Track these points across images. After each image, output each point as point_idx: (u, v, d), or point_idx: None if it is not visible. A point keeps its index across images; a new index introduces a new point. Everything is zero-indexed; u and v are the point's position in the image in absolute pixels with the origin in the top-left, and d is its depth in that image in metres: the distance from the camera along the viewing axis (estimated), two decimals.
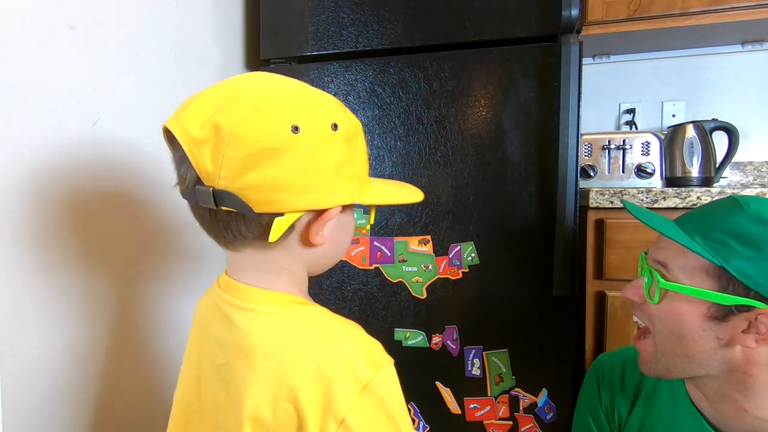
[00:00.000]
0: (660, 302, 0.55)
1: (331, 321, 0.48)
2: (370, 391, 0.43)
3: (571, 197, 0.90)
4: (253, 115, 0.42)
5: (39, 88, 0.69)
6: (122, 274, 0.84)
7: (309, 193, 0.44)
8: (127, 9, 0.84)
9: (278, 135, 0.41)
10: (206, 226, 0.48)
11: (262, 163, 0.41)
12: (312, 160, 0.43)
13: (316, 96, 0.47)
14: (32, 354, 0.69)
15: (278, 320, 0.47)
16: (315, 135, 0.43)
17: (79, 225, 0.76)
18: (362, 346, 0.46)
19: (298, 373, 0.43)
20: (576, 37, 0.89)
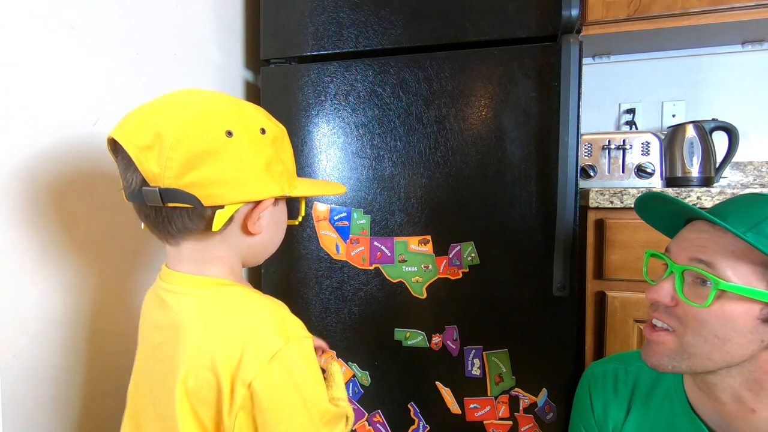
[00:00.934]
0: (711, 305, 0.51)
1: (249, 298, 0.54)
2: (277, 360, 0.48)
3: (571, 197, 0.90)
4: (192, 123, 0.48)
5: (39, 88, 0.69)
6: (122, 272, 0.84)
7: (244, 187, 0.51)
8: (127, 9, 0.84)
9: (215, 139, 0.48)
10: (151, 224, 0.53)
11: (202, 163, 0.48)
12: (245, 159, 0.50)
13: (245, 105, 0.54)
14: (32, 354, 0.69)
15: (203, 299, 0.53)
16: (246, 138, 0.50)
17: (79, 224, 0.76)
18: (275, 320, 0.51)
19: (215, 343, 0.49)
20: (576, 37, 0.89)
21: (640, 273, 0.94)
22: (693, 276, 0.53)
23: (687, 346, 0.53)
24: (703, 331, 0.51)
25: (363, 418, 1.09)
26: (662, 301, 0.55)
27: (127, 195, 0.51)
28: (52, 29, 0.71)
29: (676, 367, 0.55)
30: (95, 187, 0.79)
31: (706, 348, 0.52)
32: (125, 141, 0.48)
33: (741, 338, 0.50)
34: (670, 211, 0.59)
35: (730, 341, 0.51)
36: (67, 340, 0.74)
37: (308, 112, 1.08)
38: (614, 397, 0.69)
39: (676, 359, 0.54)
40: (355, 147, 1.06)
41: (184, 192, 0.48)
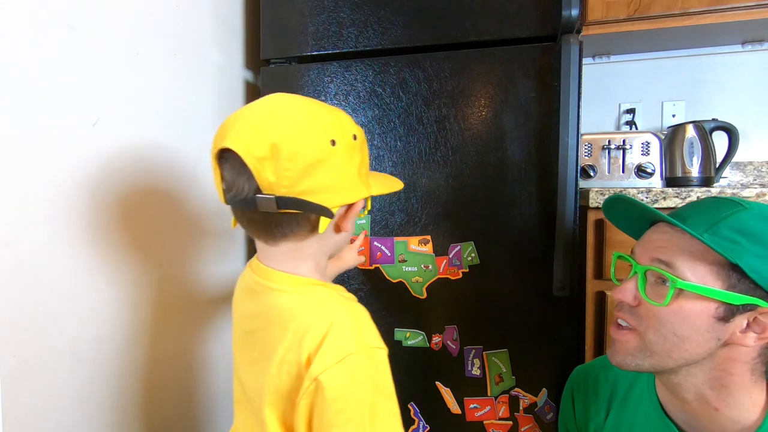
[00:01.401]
0: (670, 303, 0.53)
1: (334, 300, 0.57)
2: (346, 364, 0.50)
3: (571, 197, 0.90)
4: (304, 134, 0.52)
5: (39, 88, 0.69)
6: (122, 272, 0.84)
7: (344, 191, 0.55)
8: (127, 9, 0.84)
9: (323, 148, 0.52)
10: (255, 227, 0.57)
11: (314, 172, 0.52)
12: (343, 165, 0.54)
13: (339, 113, 0.58)
14: (32, 354, 0.69)
15: (294, 298, 0.56)
16: (343, 146, 0.54)
17: (78, 224, 0.76)
18: (354, 325, 0.54)
19: (298, 340, 0.52)
20: (576, 37, 0.89)
21: None
22: (654, 276, 0.55)
23: (649, 344, 0.55)
24: (663, 330, 0.53)
25: None
26: (626, 301, 0.57)
27: (232, 200, 0.54)
28: (52, 29, 0.71)
29: (639, 365, 0.56)
30: (95, 186, 0.79)
31: (666, 346, 0.54)
32: (244, 152, 0.50)
33: (698, 336, 0.52)
34: (635, 213, 0.61)
35: (688, 339, 0.52)
36: (67, 340, 0.74)
37: None
38: (594, 400, 0.70)
39: (639, 357, 0.56)
40: None
41: (300, 200, 0.52)
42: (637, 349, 0.56)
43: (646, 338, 0.55)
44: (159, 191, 0.92)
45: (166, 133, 0.94)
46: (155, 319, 0.92)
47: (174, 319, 0.97)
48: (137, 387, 0.88)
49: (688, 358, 0.53)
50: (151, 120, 0.90)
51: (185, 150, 0.99)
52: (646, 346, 0.55)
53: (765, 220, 0.51)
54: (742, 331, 0.51)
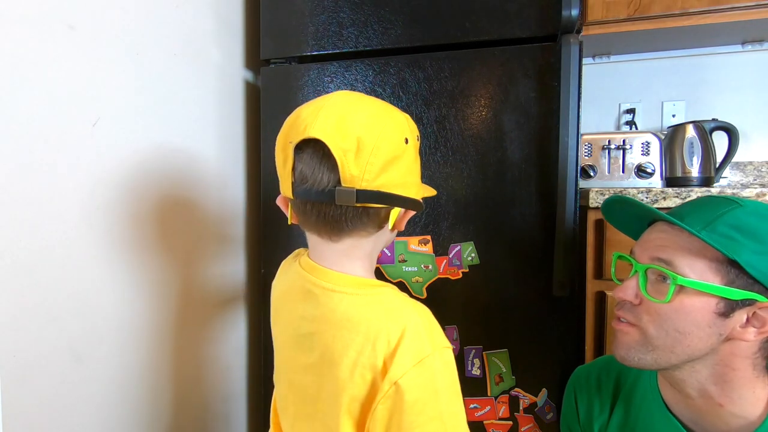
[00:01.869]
0: (671, 300, 0.54)
1: (401, 301, 0.57)
2: (424, 366, 0.50)
3: (571, 197, 0.90)
4: (385, 130, 0.53)
5: (39, 88, 0.69)
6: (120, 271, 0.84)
7: (411, 188, 0.57)
8: (127, 9, 0.84)
9: (399, 146, 0.54)
10: (324, 221, 0.55)
11: (390, 168, 0.53)
12: (412, 163, 0.57)
13: (404, 114, 0.59)
14: (32, 354, 0.69)
15: (360, 301, 0.55)
16: (413, 145, 0.57)
17: (78, 224, 0.76)
18: (426, 327, 0.54)
19: (372, 345, 0.52)
20: (576, 37, 0.89)
21: None
22: (655, 274, 0.56)
23: (650, 339, 0.56)
24: (664, 325, 0.55)
25: None
26: (627, 299, 0.58)
27: (305, 192, 0.53)
28: (52, 29, 0.71)
29: (642, 359, 0.57)
30: (95, 186, 0.79)
31: (668, 341, 0.55)
32: (332, 143, 0.50)
33: (700, 332, 0.53)
34: (634, 213, 0.62)
35: (690, 335, 0.53)
36: (67, 340, 0.74)
37: None
38: (598, 400, 0.71)
39: (641, 351, 0.57)
40: None
41: (380, 192, 0.53)
42: (639, 343, 0.57)
43: (647, 333, 0.56)
44: (159, 191, 0.92)
45: (166, 133, 0.94)
46: (156, 320, 0.92)
47: (175, 320, 0.97)
48: (137, 387, 0.88)
49: (690, 354, 0.54)
50: (151, 120, 0.90)
51: (185, 150, 0.99)
52: (647, 340, 0.56)
53: (760, 217, 0.52)
54: (742, 326, 0.52)
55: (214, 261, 1.09)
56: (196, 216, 1.03)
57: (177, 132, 0.97)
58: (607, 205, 0.65)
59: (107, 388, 0.82)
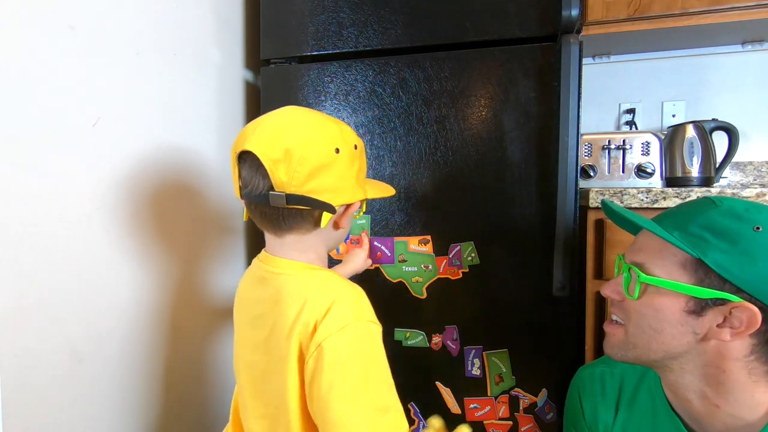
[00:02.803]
0: (640, 297, 0.57)
1: (337, 279, 0.63)
2: (346, 332, 0.57)
3: (571, 197, 0.90)
4: (313, 142, 0.60)
5: (39, 88, 0.69)
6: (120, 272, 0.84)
7: (344, 193, 0.63)
8: (127, 9, 0.84)
9: (328, 155, 0.60)
10: (266, 220, 0.64)
11: (319, 174, 0.60)
12: (345, 171, 0.62)
13: (344, 126, 0.65)
14: (32, 354, 0.69)
15: (300, 278, 0.63)
16: (346, 153, 0.62)
17: (78, 224, 0.76)
18: (353, 299, 0.61)
19: (305, 313, 0.58)
20: (576, 37, 0.89)
21: None
22: (631, 272, 0.59)
23: (630, 337, 0.59)
24: (641, 323, 0.57)
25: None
26: (611, 296, 0.62)
27: (247, 195, 0.62)
28: (52, 29, 0.71)
29: (624, 356, 0.60)
30: (94, 186, 0.79)
31: (644, 338, 0.57)
32: (262, 154, 0.58)
33: (672, 329, 0.55)
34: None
35: (663, 332, 0.56)
36: (67, 340, 0.74)
37: None
38: (602, 400, 0.71)
39: (624, 349, 0.60)
40: None
41: (306, 197, 0.60)
42: (622, 342, 0.60)
43: (628, 331, 0.59)
44: (159, 191, 0.92)
45: (166, 133, 0.94)
46: (156, 319, 0.92)
47: (175, 319, 0.97)
48: (137, 387, 0.88)
49: (667, 351, 0.56)
50: (151, 120, 0.90)
51: (185, 150, 0.99)
52: (628, 338, 0.59)
53: (731, 217, 0.53)
54: (719, 325, 0.53)
55: (214, 260, 1.09)
56: (196, 215, 1.03)
57: (177, 132, 0.97)
58: (604, 208, 0.69)
59: (107, 387, 0.82)
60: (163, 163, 0.93)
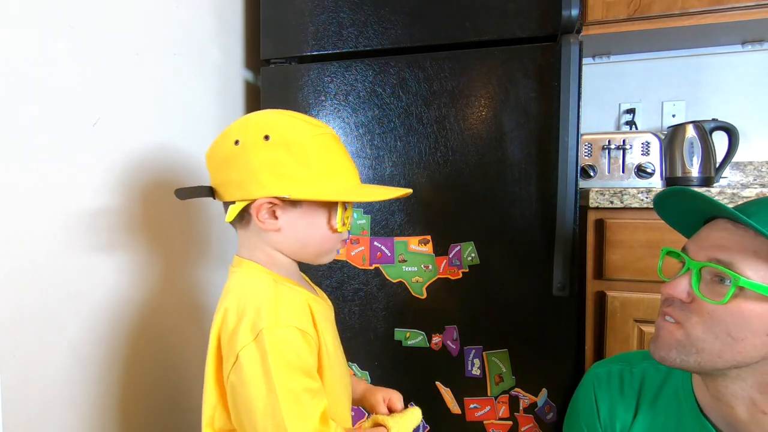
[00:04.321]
0: (728, 302, 0.50)
1: (265, 282, 0.60)
2: (258, 340, 0.54)
3: (571, 197, 0.90)
4: (220, 138, 0.61)
5: (39, 87, 0.69)
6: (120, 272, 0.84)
7: (244, 188, 0.58)
8: (127, 9, 0.84)
9: (227, 148, 0.59)
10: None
11: (221, 168, 0.61)
12: (246, 163, 0.58)
13: (258, 116, 0.61)
14: (32, 354, 0.69)
15: (238, 276, 0.62)
16: (250, 144, 0.58)
17: (78, 224, 0.76)
18: (273, 305, 0.57)
19: (230, 312, 0.57)
20: (576, 37, 0.89)
21: (640, 273, 0.95)
22: (711, 273, 0.52)
23: (696, 341, 0.52)
24: (715, 328, 0.51)
25: (363, 418, 1.09)
26: (678, 297, 0.54)
27: None
28: (52, 29, 0.71)
29: (684, 362, 0.54)
30: (95, 186, 0.79)
31: (717, 345, 0.51)
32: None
33: (755, 339, 0.50)
34: (692, 208, 0.58)
35: (743, 341, 0.50)
36: (67, 340, 0.74)
37: (308, 112, 1.08)
38: (621, 399, 0.68)
39: (684, 353, 0.53)
40: (355, 147, 1.06)
41: (215, 189, 0.62)
42: (682, 344, 0.54)
43: (692, 334, 0.53)
44: (159, 191, 0.92)
45: (166, 133, 0.94)
46: (156, 319, 0.92)
47: (175, 320, 0.97)
48: (137, 387, 0.88)
49: (739, 360, 0.51)
50: (151, 120, 0.90)
51: (185, 149, 0.99)
52: (692, 342, 0.53)
53: None
54: None
55: (214, 260, 1.09)
56: (197, 215, 1.03)
57: (177, 132, 0.97)
58: (663, 196, 0.61)
59: (107, 388, 0.82)
60: (163, 162, 0.93)
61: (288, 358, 0.55)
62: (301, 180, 0.58)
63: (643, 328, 0.95)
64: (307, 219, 0.61)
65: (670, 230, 0.66)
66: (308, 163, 0.58)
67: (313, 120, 0.62)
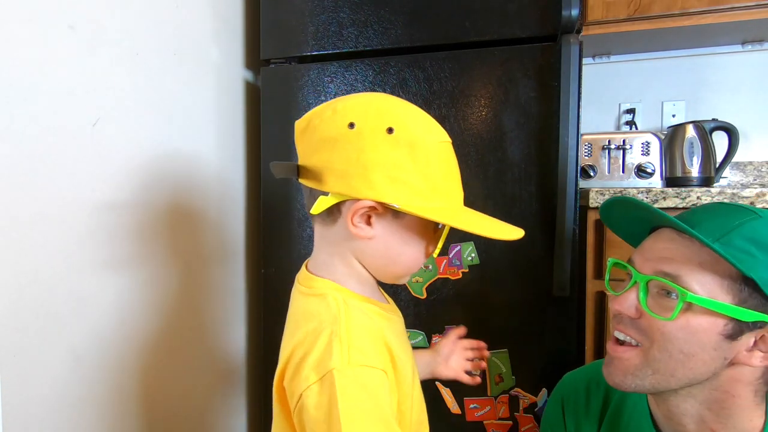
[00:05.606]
0: (677, 318, 0.48)
1: (338, 309, 0.51)
2: (326, 382, 0.46)
3: (571, 197, 0.90)
4: (330, 113, 0.51)
5: (39, 88, 0.69)
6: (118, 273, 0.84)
7: (347, 180, 0.49)
8: (127, 9, 0.84)
9: (338, 128, 0.50)
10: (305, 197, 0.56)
11: (323, 149, 0.51)
12: (358, 153, 0.49)
13: (381, 101, 0.52)
14: (32, 354, 0.69)
15: (305, 301, 0.54)
16: (367, 132, 0.49)
17: (79, 224, 0.76)
18: (345, 340, 0.48)
19: (293, 345, 0.50)
20: (576, 37, 0.89)
21: None
22: (658, 287, 0.50)
23: (652, 362, 0.51)
24: (668, 346, 0.49)
25: None
26: (626, 313, 0.52)
27: None
28: (52, 29, 0.71)
29: (639, 386, 0.52)
30: (94, 186, 0.79)
31: (671, 364, 0.50)
32: (296, 125, 0.55)
33: (704, 354, 0.48)
34: (637, 216, 0.57)
35: (694, 357, 0.49)
36: (67, 340, 0.74)
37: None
38: (586, 414, 0.67)
39: (640, 377, 0.52)
40: None
41: (307, 169, 0.52)
42: (639, 368, 0.52)
43: (649, 354, 0.51)
44: (159, 191, 0.92)
45: (166, 133, 0.94)
46: (156, 319, 0.92)
47: (175, 320, 0.97)
48: (137, 387, 0.88)
49: (691, 378, 0.50)
50: (151, 120, 0.90)
51: (185, 149, 0.99)
52: (648, 363, 0.51)
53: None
54: (748, 349, 0.48)
55: (213, 261, 1.09)
56: (196, 215, 1.03)
57: (177, 132, 0.97)
58: (608, 206, 0.60)
59: (107, 388, 0.82)
60: (163, 162, 0.93)
61: (359, 405, 0.45)
62: (416, 190, 0.50)
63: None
64: (405, 235, 0.53)
65: None
66: (428, 172, 0.50)
67: (436, 123, 0.55)
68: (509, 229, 0.54)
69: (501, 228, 0.55)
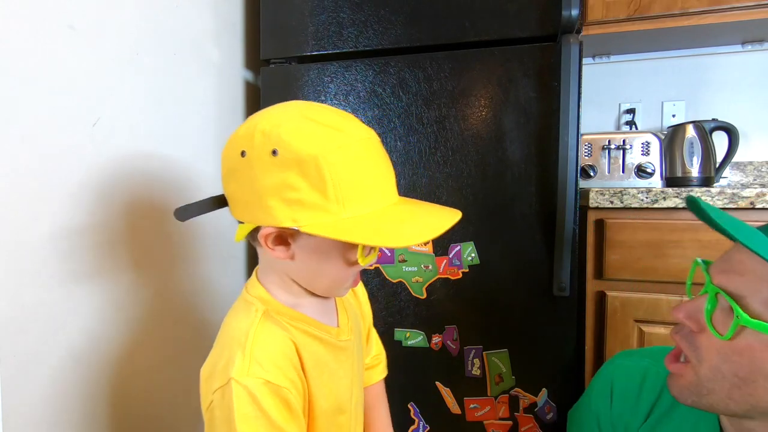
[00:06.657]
0: (732, 339, 0.44)
1: (250, 324, 0.53)
2: (226, 390, 0.49)
3: (571, 197, 0.90)
4: (230, 141, 0.52)
5: (39, 88, 0.69)
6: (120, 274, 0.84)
7: (250, 210, 0.50)
8: (127, 9, 0.84)
9: (232, 158, 0.51)
10: None
11: (229, 179, 0.52)
12: (252, 182, 0.49)
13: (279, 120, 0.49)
14: (32, 354, 0.69)
15: (233, 308, 0.58)
16: (255, 159, 0.48)
17: (79, 224, 0.76)
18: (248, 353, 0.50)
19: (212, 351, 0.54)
20: (576, 37, 0.89)
21: (640, 273, 0.95)
22: (723, 301, 0.46)
23: (705, 381, 0.47)
24: (722, 367, 0.45)
25: None
26: (686, 323, 0.48)
27: None
28: (52, 29, 0.71)
29: (696, 403, 0.48)
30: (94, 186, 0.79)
31: (726, 386, 0.45)
32: None
33: (766, 382, 0.43)
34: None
35: (754, 383, 0.44)
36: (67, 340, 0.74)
37: None
38: (636, 402, 0.62)
39: (695, 394, 0.48)
40: None
41: (213, 198, 0.56)
42: (693, 385, 0.48)
43: (700, 373, 0.47)
44: (159, 190, 0.92)
45: (166, 133, 0.94)
46: (156, 319, 0.92)
47: (175, 320, 0.97)
48: (137, 388, 0.88)
49: (755, 404, 0.44)
50: (151, 120, 0.90)
51: (185, 149, 0.99)
52: (701, 382, 0.47)
53: None
54: None
55: (214, 262, 1.09)
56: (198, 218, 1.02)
57: (177, 132, 0.97)
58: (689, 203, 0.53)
59: (107, 388, 0.82)
60: (163, 162, 0.93)
61: (249, 414, 0.48)
62: (316, 207, 0.47)
63: (643, 328, 0.95)
64: (321, 251, 0.52)
65: (671, 230, 0.65)
66: (324, 187, 0.46)
67: (342, 121, 0.50)
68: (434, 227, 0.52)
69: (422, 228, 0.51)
